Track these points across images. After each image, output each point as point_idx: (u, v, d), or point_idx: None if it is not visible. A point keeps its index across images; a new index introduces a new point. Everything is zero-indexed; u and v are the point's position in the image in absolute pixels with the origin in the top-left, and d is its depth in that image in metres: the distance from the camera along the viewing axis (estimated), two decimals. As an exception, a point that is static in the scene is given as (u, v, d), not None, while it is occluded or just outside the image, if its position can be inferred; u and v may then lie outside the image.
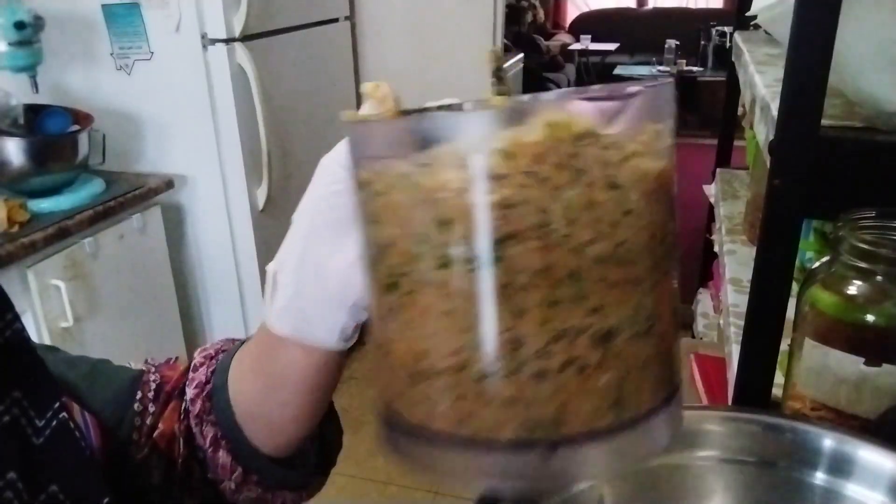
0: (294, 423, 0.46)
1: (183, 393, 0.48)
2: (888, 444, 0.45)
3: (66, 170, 1.62)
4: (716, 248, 1.30)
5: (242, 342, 0.48)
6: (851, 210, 0.52)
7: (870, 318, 0.49)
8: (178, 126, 1.83)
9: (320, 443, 0.52)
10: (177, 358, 0.54)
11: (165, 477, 0.48)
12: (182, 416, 0.48)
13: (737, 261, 1.09)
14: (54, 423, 0.40)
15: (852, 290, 0.50)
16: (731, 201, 1.36)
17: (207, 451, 0.46)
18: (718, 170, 1.58)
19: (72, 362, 0.50)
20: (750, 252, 1.08)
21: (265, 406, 0.46)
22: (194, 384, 0.47)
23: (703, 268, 1.74)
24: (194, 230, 1.96)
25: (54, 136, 1.65)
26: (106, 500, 0.41)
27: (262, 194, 1.88)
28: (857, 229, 0.50)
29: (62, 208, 1.57)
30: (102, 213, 1.62)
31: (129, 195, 1.70)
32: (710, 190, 1.57)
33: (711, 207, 1.60)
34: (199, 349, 0.52)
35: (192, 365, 0.50)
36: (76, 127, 1.68)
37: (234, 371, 0.47)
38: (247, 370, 0.46)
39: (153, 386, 0.49)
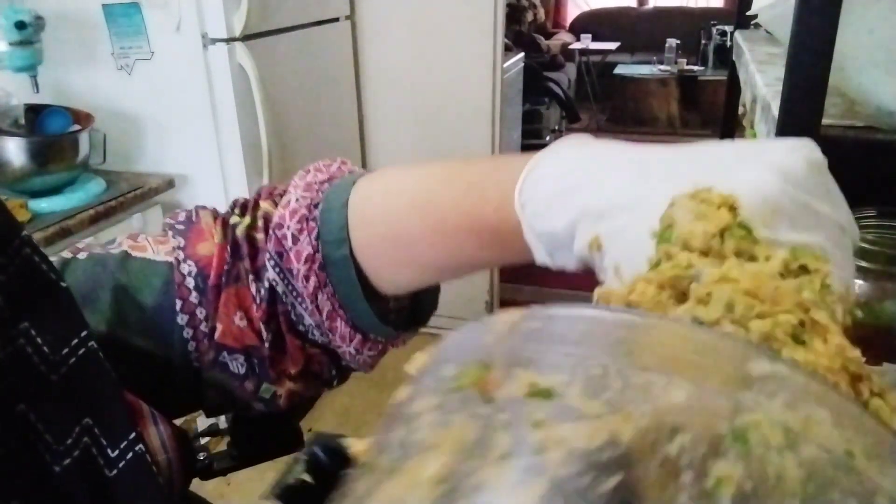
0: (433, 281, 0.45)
1: (238, 278, 0.44)
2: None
3: (66, 170, 1.61)
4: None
5: (315, 202, 0.43)
6: (851, 209, 0.52)
7: (870, 317, 0.49)
8: (179, 125, 1.83)
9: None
10: (198, 213, 0.48)
11: (248, 364, 0.45)
12: (261, 302, 0.43)
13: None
14: (129, 455, 0.35)
15: (853, 289, 0.50)
16: (731, 200, 1.36)
17: (324, 323, 0.44)
18: (719, 169, 1.57)
19: (91, 305, 0.42)
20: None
21: (412, 286, 0.44)
22: (303, 258, 0.42)
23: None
24: (195, 230, 1.96)
25: (55, 135, 1.65)
26: None
27: (262, 194, 1.88)
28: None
29: (63, 208, 1.56)
30: (103, 213, 1.62)
31: (130, 195, 1.70)
32: (711, 189, 1.57)
33: (712, 206, 1.60)
34: (235, 204, 0.48)
35: (255, 234, 0.44)
36: (77, 127, 1.68)
37: (376, 257, 0.43)
38: (403, 259, 0.42)
39: (191, 283, 0.44)
